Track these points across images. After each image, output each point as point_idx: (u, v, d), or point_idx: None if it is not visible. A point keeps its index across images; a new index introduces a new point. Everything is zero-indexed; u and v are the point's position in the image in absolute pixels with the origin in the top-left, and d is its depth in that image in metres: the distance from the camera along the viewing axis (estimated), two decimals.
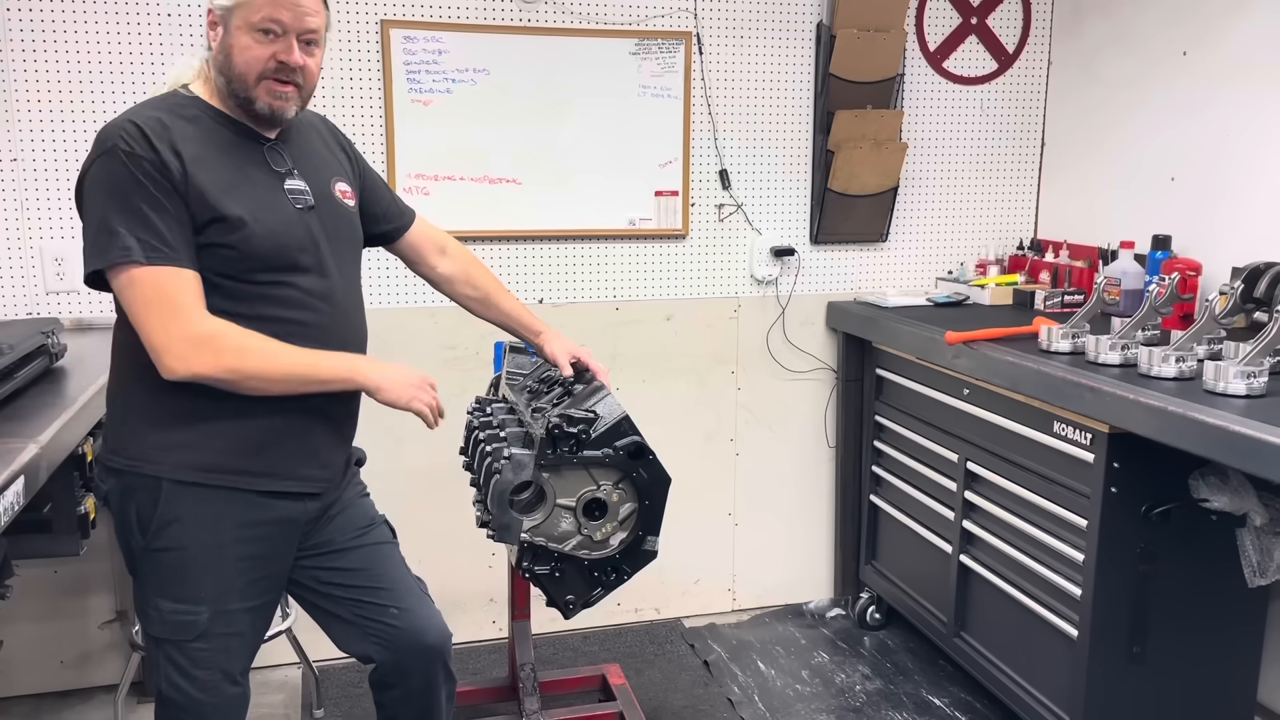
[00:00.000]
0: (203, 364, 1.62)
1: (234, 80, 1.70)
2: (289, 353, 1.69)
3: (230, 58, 1.69)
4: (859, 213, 3.38)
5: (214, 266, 1.68)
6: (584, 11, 3.07)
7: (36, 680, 2.95)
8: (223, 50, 1.70)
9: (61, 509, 2.07)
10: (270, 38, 1.68)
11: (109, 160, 1.62)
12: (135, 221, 1.60)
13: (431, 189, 3.01)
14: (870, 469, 3.38)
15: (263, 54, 1.68)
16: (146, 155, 1.61)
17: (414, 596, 1.96)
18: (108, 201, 1.62)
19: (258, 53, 1.68)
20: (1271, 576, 2.29)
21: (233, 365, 1.64)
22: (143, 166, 1.61)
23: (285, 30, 1.69)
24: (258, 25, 1.67)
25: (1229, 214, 2.83)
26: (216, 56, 1.71)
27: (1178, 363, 2.23)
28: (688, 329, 3.34)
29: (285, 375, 1.69)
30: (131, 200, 1.60)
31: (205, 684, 1.78)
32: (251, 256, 1.69)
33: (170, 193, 1.62)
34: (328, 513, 1.92)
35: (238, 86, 1.71)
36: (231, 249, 1.67)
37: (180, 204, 1.63)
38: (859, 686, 3.08)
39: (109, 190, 1.62)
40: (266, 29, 1.68)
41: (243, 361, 1.64)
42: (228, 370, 1.64)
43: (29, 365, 2.15)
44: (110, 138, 1.63)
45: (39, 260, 2.77)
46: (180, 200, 1.63)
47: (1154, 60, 3.07)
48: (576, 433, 1.91)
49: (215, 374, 1.64)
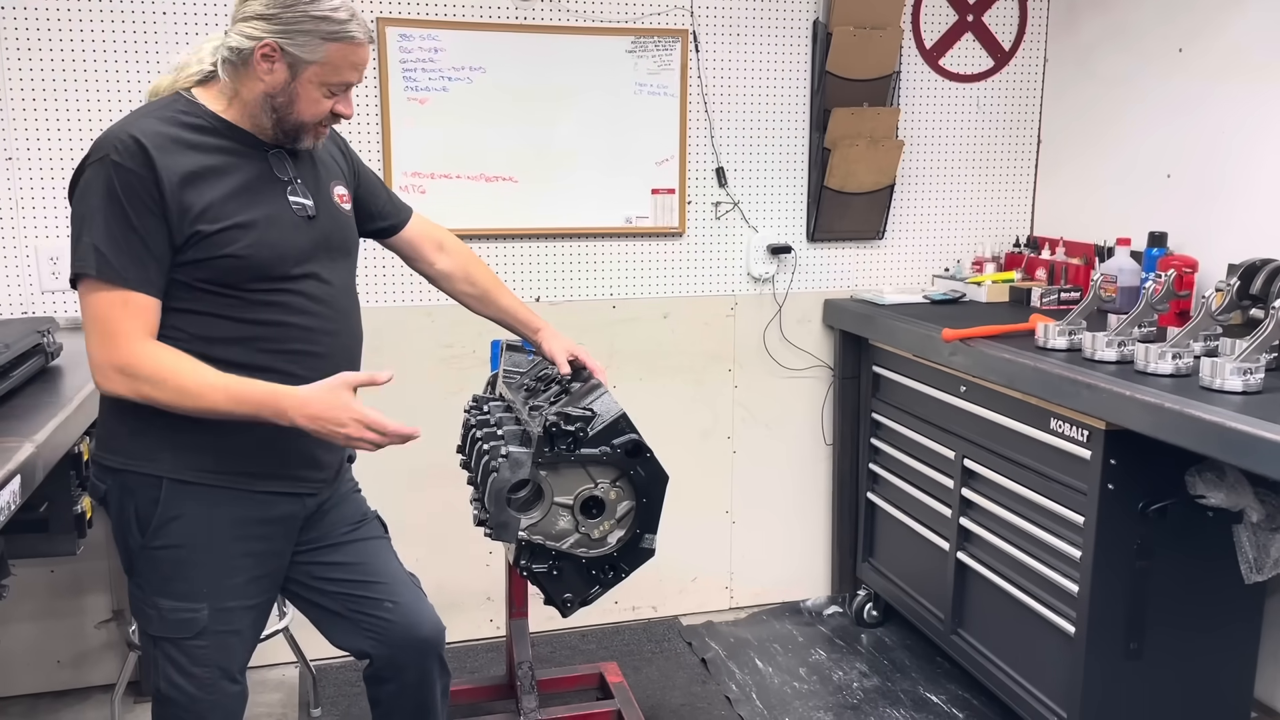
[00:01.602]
0: (122, 389, 1.64)
1: (288, 122, 1.73)
2: (205, 390, 1.63)
3: (294, 105, 1.72)
4: (855, 210, 3.38)
5: (215, 278, 1.68)
6: (580, 9, 3.07)
7: (33, 680, 2.95)
8: (286, 94, 1.71)
9: (58, 508, 2.06)
10: (334, 94, 1.74)
11: (99, 169, 1.62)
12: (102, 237, 1.61)
13: (428, 187, 3.01)
14: (867, 466, 3.38)
15: (325, 106, 1.74)
16: (137, 171, 1.61)
17: (407, 590, 1.96)
18: (86, 211, 1.63)
19: (324, 106, 1.74)
20: (1268, 572, 2.30)
21: (148, 395, 1.63)
22: (129, 182, 1.61)
23: (347, 88, 1.75)
24: (330, 84, 1.72)
25: (1225, 210, 2.83)
26: (275, 96, 1.71)
27: (1174, 359, 2.23)
28: (685, 327, 3.34)
29: (203, 410, 1.64)
30: (107, 215, 1.61)
31: (204, 682, 1.78)
32: (254, 265, 1.70)
33: (150, 213, 1.62)
34: (320, 509, 1.92)
35: (290, 127, 1.74)
36: (234, 258, 1.68)
37: (159, 224, 1.63)
38: (856, 684, 3.08)
39: (90, 200, 1.63)
40: (337, 89, 1.74)
41: (157, 394, 1.63)
42: (143, 398, 1.64)
43: (24, 364, 2.15)
44: (106, 146, 1.63)
45: (34, 259, 2.77)
46: (161, 220, 1.62)
47: (1149, 57, 3.07)
48: (574, 430, 1.90)
49: (133, 399, 1.65)
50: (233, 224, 1.67)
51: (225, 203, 1.67)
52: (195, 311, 1.69)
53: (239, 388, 1.64)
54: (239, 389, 1.64)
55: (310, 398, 1.65)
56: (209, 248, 1.66)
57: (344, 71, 1.72)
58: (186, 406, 1.64)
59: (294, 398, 1.64)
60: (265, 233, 1.70)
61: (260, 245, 1.69)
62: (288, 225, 1.75)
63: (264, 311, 1.72)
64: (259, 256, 1.69)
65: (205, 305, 1.69)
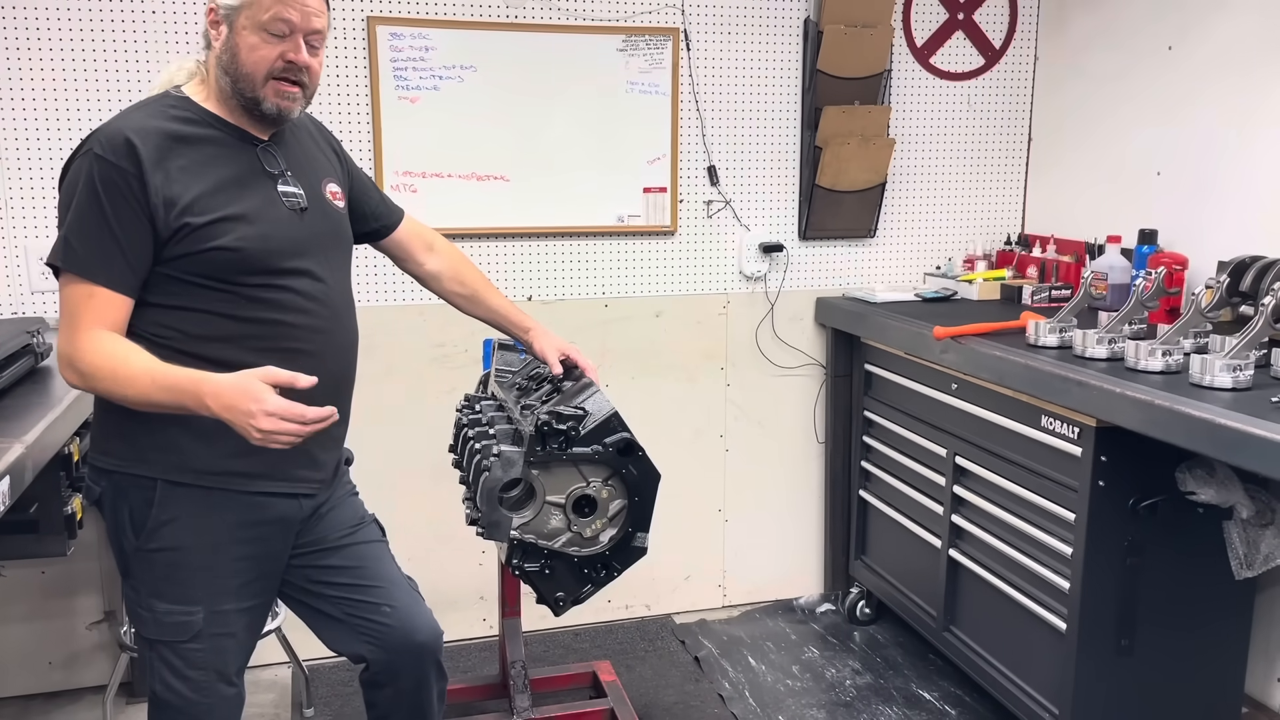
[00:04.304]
0: (74, 379, 1.64)
1: (240, 80, 1.70)
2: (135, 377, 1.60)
3: (237, 57, 1.69)
4: (847, 208, 3.38)
5: (207, 271, 1.68)
6: (571, 8, 3.06)
7: (24, 682, 2.94)
8: (228, 49, 1.69)
9: (48, 509, 2.06)
10: (278, 38, 1.68)
11: (84, 162, 1.63)
12: (76, 231, 1.62)
13: (419, 186, 3.00)
14: (859, 464, 3.39)
15: (270, 54, 1.68)
16: (120, 166, 1.61)
17: (405, 594, 1.95)
18: (68, 204, 1.64)
19: (265, 52, 1.68)
20: (1258, 568, 2.31)
21: (93, 386, 1.64)
22: (109, 177, 1.61)
23: (293, 30, 1.69)
24: (265, 25, 1.67)
25: (1215, 208, 2.84)
26: (221, 55, 1.70)
27: (1164, 356, 2.24)
28: (677, 325, 3.34)
29: (135, 399, 1.62)
30: (83, 209, 1.62)
31: (200, 685, 1.77)
32: (245, 258, 1.69)
33: (130, 208, 1.61)
34: (318, 512, 1.91)
35: (244, 86, 1.70)
36: (224, 250, 1.67)
37: (139, 221, 1.62)
38: (849, 681, 3.09)
39: (72, 193, 1.64)
40: (274, 29, 1.68)
41: (98, 384, 1.63)
42: (93, 390, 1.65)
43: (14, 365, 2.15)
44: (92, 141, 1.64)
45: (23, 259, 2.76)
46: (141, 216, 1.62)
47: (1139, 55, 3.08)
48: (566, 429, 1.90)
49: (88, 390, 1.66)
50: (221, 215, 1.67)
51: (213, 195, 1.67)
52: (187, 309, 1.69)
53: (164, 375, 1.59)
54: (164, 376, 1.59)
55: (224, 387, 1.56)
56: (198, 240, 1.65)
57: (272, 7, 1.66)
58: (126, 396, 1.62)
59: (211, 384, 1.57)
60: (255, 224, 1.70)
61: (250, 237, 1.69)
62: (278, 217, 1.74)
63: (256, 309, 1.71)
64: (249, 248, 1.69)
65: (197, 302, 1.69)
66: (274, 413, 1.54)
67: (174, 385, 1.59)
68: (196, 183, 1.66)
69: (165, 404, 1.61)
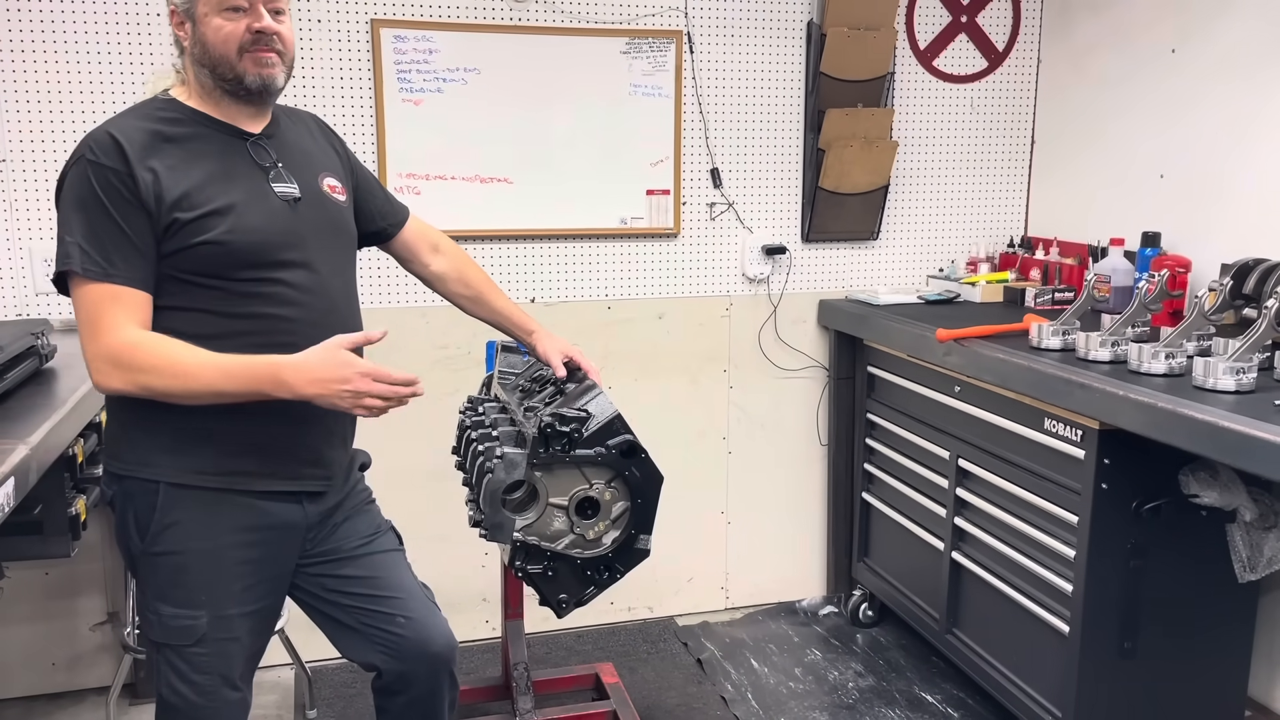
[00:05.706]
0: (118, 381, 1.62)
1: (218, 64, 1.71)
2: (200, 369, 1.62)
3: (206, 44, 1.70)
4: (850, 211, 3.38)
5: (199, 267, 1.68)
6: (574, 11, 3.07)
7: (28, 683, 2.94)
8: (198, 42, 1.71)
9: (52, 511, 2.06)
10: (238, 12, 1.70)
11: (78, 169, 1.64)
12: (84, 234, 1.62)
13: (423, 188, 3.01)
14: (862, 466, 3.39)
15: (236, 29, 1.70)
16: (114, 167, 1.62)
17: (421, 605, 1.94)
18: (68, 211, 1.65)
19: (231, 29, 1.70)
20: (1261, 571, 2.31)
21: (145, 384, 1.61)
22: (106, 179, 1.62)
23: (251, 3, 1.71)
24: (223, 5, 1.69)
25: (1218, 210, 2.84)
26: (193, 51, 1.72)
27: (1167, 359, 2.24)
28: (680, 327, 3.35)
29: (199, 392, 1.62)
30: (87, 212, 1.62)
31: (205, 689, 1.77)
32: (235, 251, 1.69)
33: (129, 206, 1.62)
34: (332, 519, 1.90)
35: (224, 69, 1.71)
36: (215, 245, 1.67)
37: (141, 217, 1.63)
38: (852, 684, 3.09)
39: (71, 199, 1.65)
40: (232, 4, 1.69)
41: (154, 380, 1.61)
42: (142, 389, 1.62)
43: (19, 366, 2.15)
44: (83, 148, 1.65)
45: (28, 261, 2.76)
46: (142, 213, 1.63)
47: (1143, 58, 3.08)
48: (569, 431, 1.90)
49: (133, 391, 1.63)
50: (210, 210, 1.67)
51: (202, 189, 1.67)
52: (181, 308, 1.69)
53: (232, 364, 1.62)
54: (233, 365, 1.62)
55: (309, 362, 1.62)
56: (187, 235, 1.66)
57: None
58: (186, 389, 1.62)
59: (293, 365, 1.62)
60: (244, 218, 1.70)
61: (240, 230, 1.69)
62: (269, 210, 1.74)
63: (250, 304, 1.71)
64: (239, 242, 1.69)
65: (191, 300, 1.69)
66: (367, 373, 1.61)
67: (246, 373, 1.61)
68: (184, 179, 1.66)
69: (236, 393, 1.62)
